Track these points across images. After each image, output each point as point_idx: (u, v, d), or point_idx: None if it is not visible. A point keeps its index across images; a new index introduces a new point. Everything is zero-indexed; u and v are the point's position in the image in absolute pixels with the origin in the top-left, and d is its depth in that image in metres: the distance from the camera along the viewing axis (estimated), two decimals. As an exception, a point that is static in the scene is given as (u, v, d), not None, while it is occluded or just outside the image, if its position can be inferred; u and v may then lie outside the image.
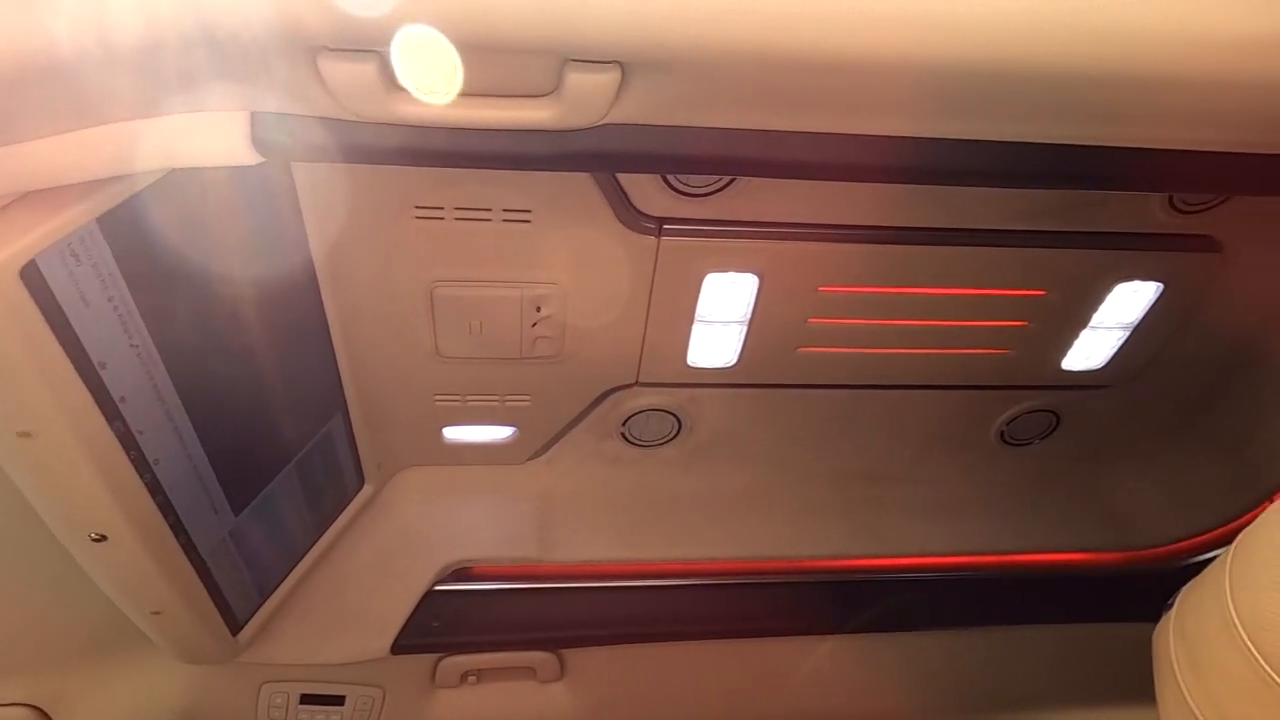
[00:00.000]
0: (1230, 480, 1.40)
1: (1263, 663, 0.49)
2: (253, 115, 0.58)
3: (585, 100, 0.57)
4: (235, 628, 1.10)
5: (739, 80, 0.60)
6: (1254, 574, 0.51)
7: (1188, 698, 0.56)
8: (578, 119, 0.59)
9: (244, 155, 0.59)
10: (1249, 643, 0.50)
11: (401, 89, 0.55)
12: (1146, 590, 1.12)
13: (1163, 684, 0.60)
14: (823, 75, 0.61)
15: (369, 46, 0.53)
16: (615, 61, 0.55)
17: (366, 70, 0.53)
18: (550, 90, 0.57)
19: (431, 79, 0.56)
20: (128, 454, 0.79)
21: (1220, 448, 1.37)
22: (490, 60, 0.54)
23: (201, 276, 0.80)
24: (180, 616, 0.97)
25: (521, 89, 0.57)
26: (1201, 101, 0.70)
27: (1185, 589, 0.61)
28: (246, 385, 0.93)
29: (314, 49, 0.53)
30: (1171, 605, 0.62)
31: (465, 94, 0.57)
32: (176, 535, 0.90)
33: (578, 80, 0.55)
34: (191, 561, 0.94)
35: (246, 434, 0.97)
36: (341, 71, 0.53)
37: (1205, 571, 0.59)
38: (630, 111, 0.60)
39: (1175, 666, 0.58)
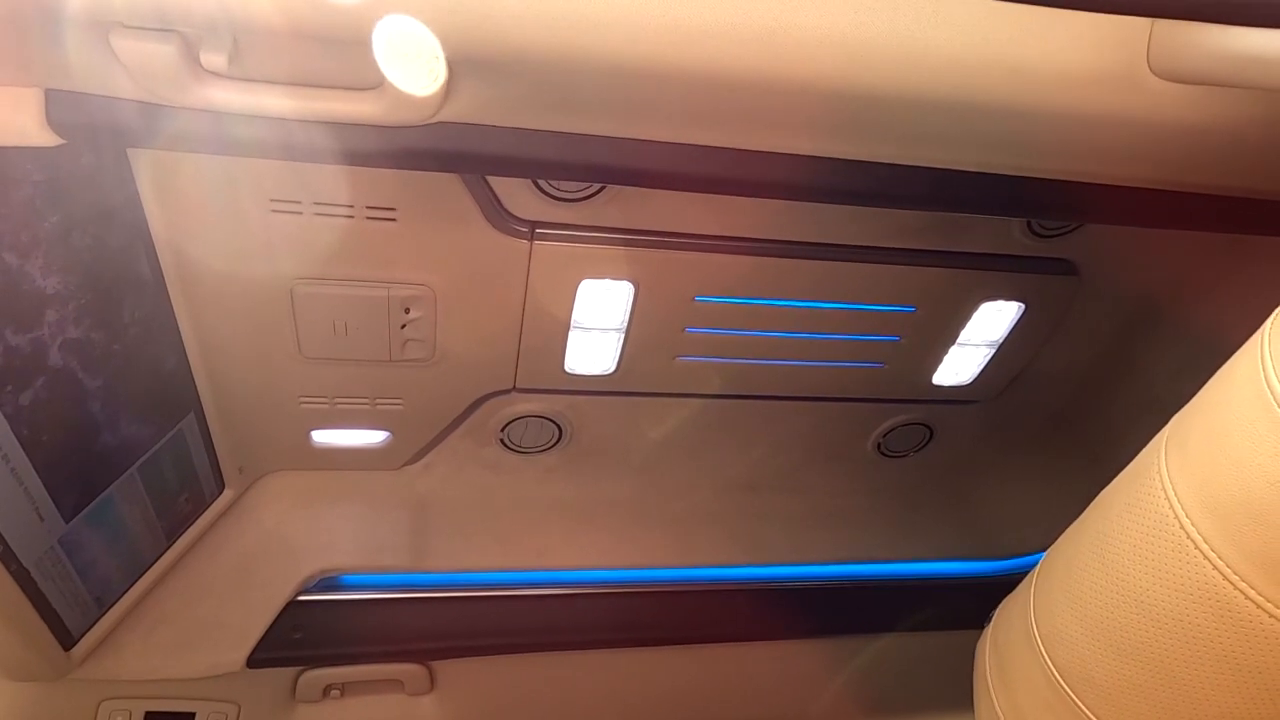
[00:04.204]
0: (1090, 491, 1.47)
1: (1057, 675, 0.51)
2: (47, 93, 0.54)
3: (413, 96, 0.55)
4: (68, 642, 1.02)
5: (580, 85, 0.58)
6: (1051, 590, 0.53)
7: (997, 708, 0.57)
8: (407, 115, 0.56)
9: (38, 135, 0.54)
10: (1045, 655, 0.51)
11: (207, 72, 0.51)
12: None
13: (979, 695, 0.61)
14: (668, 87, 0.60)
15: (168, 25, 0.49)
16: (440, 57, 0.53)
17: (166, 51, 0.50)
18: (376, 84, 0.55)
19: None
20: (-74, 456, 0.72)
21: (1081, 459, 1.44)
22: (307, 49, 0.52)
23: (14, 266, 0.74)
24: (-1, 631, 0.90)
25: (345, 81, 0.55)
26: (1052, 132, 0.73)
27: (1001, 604, 0.63)
28: (76, 384, 0.87)
29: (106, 24, 0.49)
30: (991, 619, 0.64)
31: (285, 83, 0.54)
32: (-9, 543, 0.83)
33: (402, 75, 0.53)
34: (10, 571, 0.87)
35: (77, 435, 0.90)
36: (138, 51, 0.50)
37: (1018, 588, 0.61)
38: (465, 110, 0.58)
39: (989, 678, 0.59)
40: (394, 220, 0.92)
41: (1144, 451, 0.49)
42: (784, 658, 1.41)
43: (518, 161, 0.63)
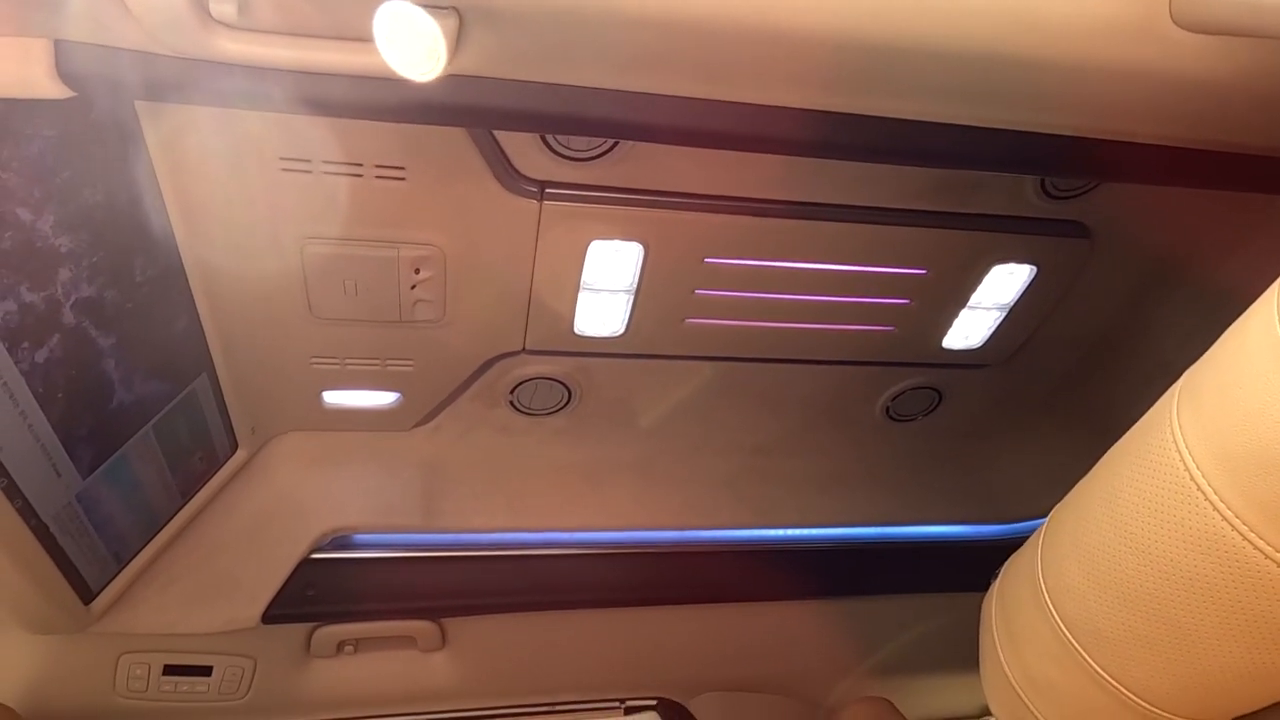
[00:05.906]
0: (1098, 456, 1.47)
1: (1063, 628, 0.51)
2: (56, 44, 0.53)
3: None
4: (87, 596, 1.05)
5: (593, 37, 0.58)
6: (1059, 543, 0.53)
7: (1003, 662, 0.58)
8: (416, 67, 0.56)
9: (48, 87, 0.54)
10: (1052, 608, 0.52)
11: (217, 22, 0.51)
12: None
13: (984, 650, 0.62)
14: (680, 38, 0.59)
15: (177, -27, 0.49)
16: (451, 7, 0.53)
17: (175, 0, 0.49)
18: (385, 34, 0.54)
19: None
20: (-55, 411, 0.73)
21: (1090, 424, 1.43)
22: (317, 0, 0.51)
23: (28, 222, 0.75)
24: (19, 584, 0.92)
25: (354, 33, 0.54)
26: (1068, 85, 0.71)
27: (1009, 560, 0.64)
28: (90, 342, 0.88)
29: (114, -28, 0.49)
30: (998, 575, 0.64)
31: (294, 34, 0.54)
32: (10, 499, 0.85)
33: (412, 25, 0.53)
34: (30, 526, 0.89)
35: (92, 393, 0.91)
36: (147, 0, 0.49)
37: (1026, 543, 0.61)
38: (475, 63, 0.57)
39: (994, 632, 0.60)
40: (403, 179, 0.92)
41: (1156, 405, 0.49)
42: (791, 619, 1.42)
43: (527, 115, 0.63)
